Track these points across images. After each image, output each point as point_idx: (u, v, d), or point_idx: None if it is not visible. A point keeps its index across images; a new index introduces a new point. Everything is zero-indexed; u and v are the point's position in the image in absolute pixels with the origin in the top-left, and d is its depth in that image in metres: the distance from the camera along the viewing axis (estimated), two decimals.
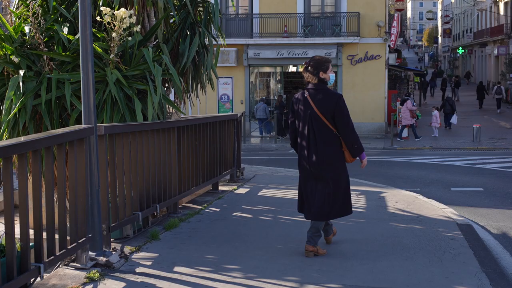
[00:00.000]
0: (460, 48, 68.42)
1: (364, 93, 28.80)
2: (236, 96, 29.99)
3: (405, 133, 27.40)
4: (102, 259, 5.98)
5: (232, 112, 29.80)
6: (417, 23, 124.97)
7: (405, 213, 8.99)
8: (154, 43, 8.98)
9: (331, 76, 6.57)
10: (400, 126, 27.13)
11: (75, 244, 5.65)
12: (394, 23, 29.92)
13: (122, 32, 7.85)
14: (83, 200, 5.85)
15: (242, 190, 10.94)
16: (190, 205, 9.44)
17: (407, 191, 11.14)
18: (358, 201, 9.69)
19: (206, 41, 9.83)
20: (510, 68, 46.02)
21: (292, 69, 31.85)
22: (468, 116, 34.53)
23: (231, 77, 29.80)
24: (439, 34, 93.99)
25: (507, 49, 48.84)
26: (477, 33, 62.48)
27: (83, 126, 6.03)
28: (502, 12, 51.98)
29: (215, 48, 10.11)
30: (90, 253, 6.01)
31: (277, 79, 30.95)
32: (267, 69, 31.29)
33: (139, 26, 8.24)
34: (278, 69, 30.67)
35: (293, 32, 29.23)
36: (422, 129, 29.56)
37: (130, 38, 8.02)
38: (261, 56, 29.09)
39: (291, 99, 7.42)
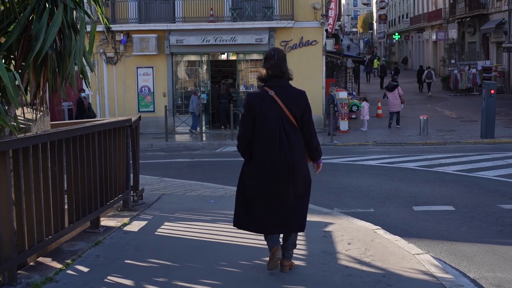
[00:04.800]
0: (397, 34, 66.99)
1: (300, 82, 25.36)
2: (158, 88, 26.64)
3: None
4: None
5: (154, 106, 26.62)
6: (351, 9, 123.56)
7: (365, 268, 6.11)
8: None
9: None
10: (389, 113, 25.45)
11: None
12: (332, 5, 27.09)
13: None
14: None
15: (135, 226, 7.88)
16: (47, 260, 6.34)
17: (361, 222, 8.19)
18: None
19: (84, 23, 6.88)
20: (450, 53, 44.23)
21: (222, 57, 28.83)
22: (411, 106, 32.17)
23: (152, 67, 26.47)
24: (374, 20, 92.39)
25: (446, 34, 47.12)
26: (413, 18, 60.99)
27: None
28: None
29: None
30: None
31: (204, 68, 27.76)
32: (192, 58, 27.95)
33: None
34: (205, 58, 27.43)
35: (220, 16, 26.13)
36: (356, 121, 27.25)
37: None
38: (185, 43, 25.80)
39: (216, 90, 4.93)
